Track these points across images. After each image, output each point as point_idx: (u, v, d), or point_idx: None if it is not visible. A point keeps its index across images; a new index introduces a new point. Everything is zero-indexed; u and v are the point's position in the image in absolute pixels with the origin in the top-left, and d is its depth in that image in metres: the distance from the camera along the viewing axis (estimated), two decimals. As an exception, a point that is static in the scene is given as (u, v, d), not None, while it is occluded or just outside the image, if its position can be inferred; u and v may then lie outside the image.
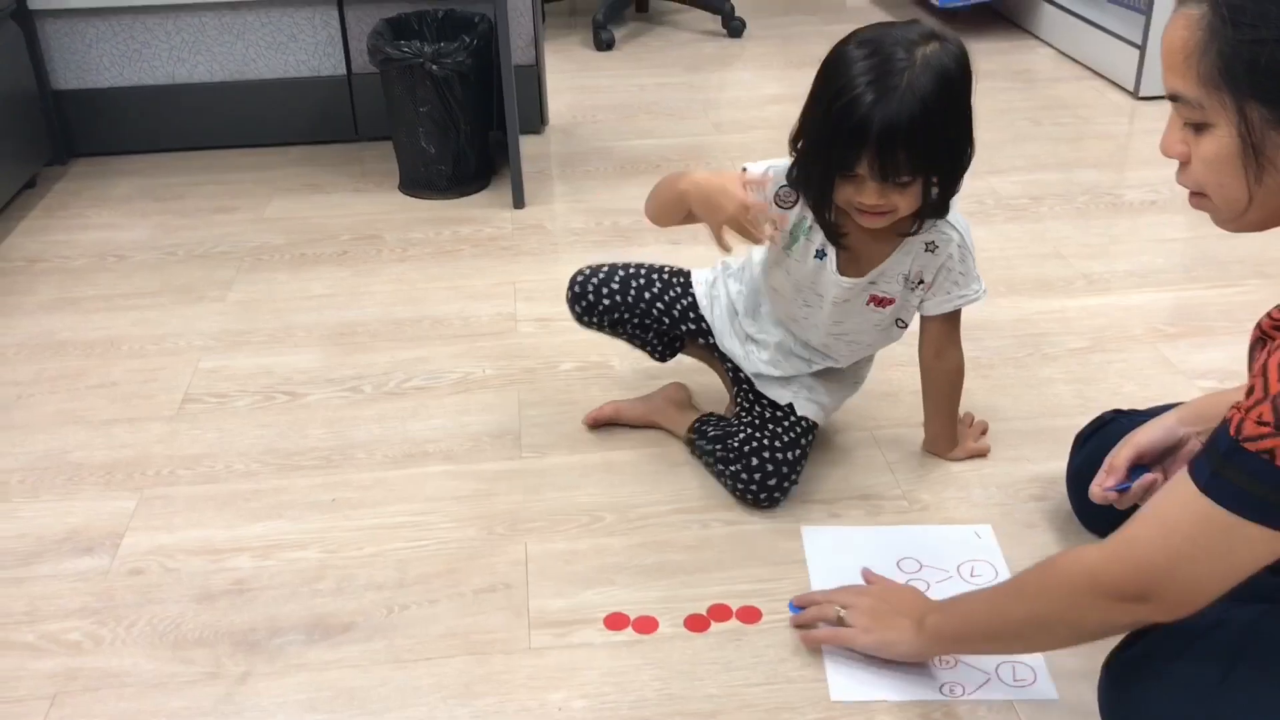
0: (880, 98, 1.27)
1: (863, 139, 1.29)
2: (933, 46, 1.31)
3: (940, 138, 1.32)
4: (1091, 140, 2.82)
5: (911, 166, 1.32)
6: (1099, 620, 1.10)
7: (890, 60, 1.28)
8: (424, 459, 1.71)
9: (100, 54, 2.75)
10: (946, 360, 1.60)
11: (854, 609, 1.32)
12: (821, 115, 1.33)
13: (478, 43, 2.51)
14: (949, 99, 1.31)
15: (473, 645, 1.37)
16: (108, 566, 1.52)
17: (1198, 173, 1.04)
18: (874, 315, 1.53)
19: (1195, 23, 0.99)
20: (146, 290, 2.22)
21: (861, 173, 1.32)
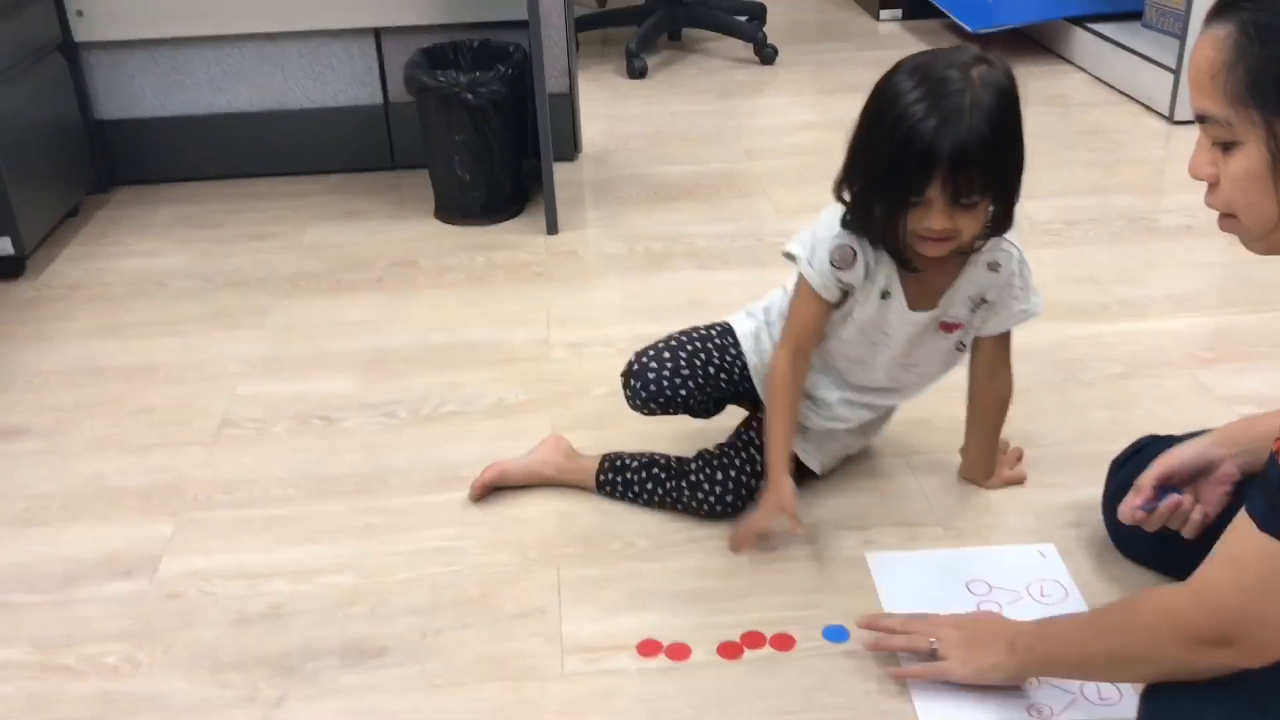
0: (946, 119, 1.27)
1: (933, 162, 1.28)
2: (984, 67, 1.31)
3: (1004, 154, 1.32)
4: (1126, 165, 2.80)
5: (979, 185, 1.31)
6: (1182, 662, 1.08)
7: (946, 83, 1.28)
8: (458, 484, 1.72)
9: (142, 84, 2.80)
10: (1000, 382, 1.59)
11: (944, 640, 1.29)
12: (882, 147, 1.32)
13: (512, 72, 2.54)
14: (1010, 115, 1.32)
15: (506, 671, 1.38)
16: (146, 590, 1.53)
17: (1227, 193, 1.04)
18: (943, 342, 1.53)
19: (1221, 42, 1.00)
20: (185, 317, 2.25)
21: (931, 196, 1.31)
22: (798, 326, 1.51)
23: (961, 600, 1.44)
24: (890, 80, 1.33)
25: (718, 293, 2.23)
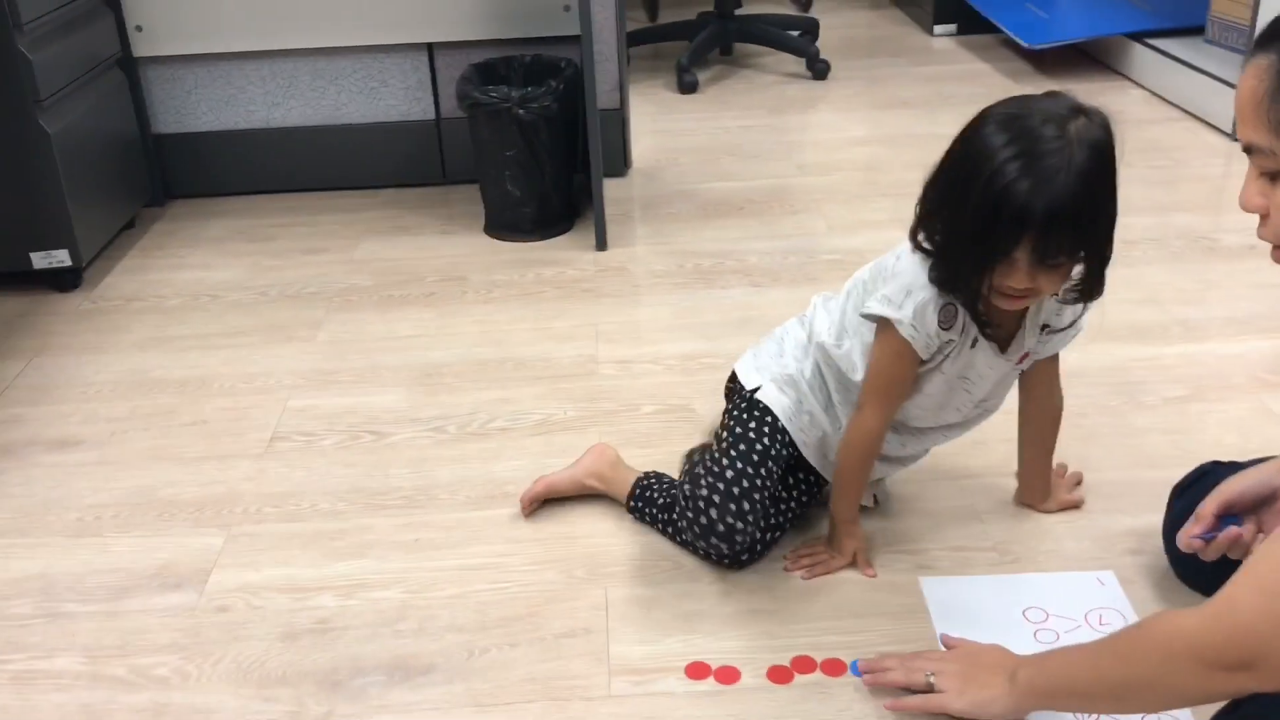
0: (1042, 181, 1.21)
1: (1025, 224, 1.22)
2: (1082, 121, 1.24)
3: (1098, 214, 1.26)
4: (1186, 183, 2.75)
5: (1069, 247, 1.27)
6: (1198, 688, 1.05)
7: (1041, 139, 1.22)
8: (506, 500, 1.71)
9: (199, 99, 2.83)
10: (1053, 399, 1.57)
11: (943, 674, 1.28)
12: (972, 203, 1.25)
13: (563, 87, 2.54)
14: (1105, 173, 1.25)
15: (552, 691, 1.36)
16: (195, 603, 1.54)
17: (1278, 224, 1.02)
18: (1013, 376, 1.51)
19: (1264, 71, 0.99)
20: (238, 330, 2.27)
21: (1018, 256, 1.25)
22: (892, 388, 1.44)
23: (1018, 627, 1.41)
24: (981, 132, 1.26)
25: (769, 310, 2.21)
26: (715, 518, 1.45)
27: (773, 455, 1.50)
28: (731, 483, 1.45)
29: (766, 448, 1.50)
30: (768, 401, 1.54)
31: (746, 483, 1.46)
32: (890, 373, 1.43)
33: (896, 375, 1.43)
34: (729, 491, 1.45)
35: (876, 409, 1.45)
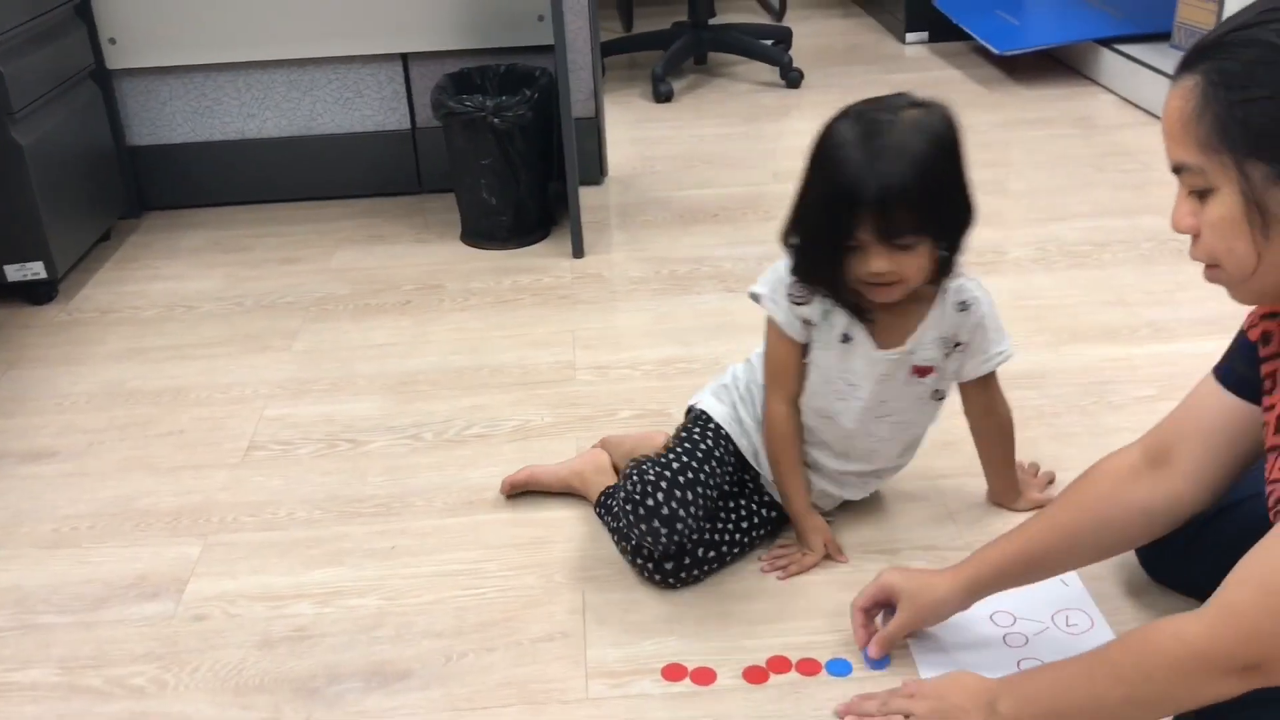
0: (870, 158, 1.29)
1: (860, 200, 1.29)
2: (918, 110, 1.33)
3: (936, 195, 1.32)
4: (1155, 186, 2.78)
5: (912, 226, 1.31)
6: (1210, 694, 1.05)
7: (876, 124, 1.31)
8: (482, 506, 1.72)
9: (173, 111, 2.83)
10: (996, 415, 1.59)
11: (916, 715, 1.23)
12: (817, 191, 1.35)
13: (538, 96, 2.55)
14: (939, 156, 1.32)
15: (529, 695, 1.37)
16: (172, 612, 1.54)
17: (1208, 242, 1.05)
18: (916, 388, 1.50)
19: (1189, 92, 1.01)
20: (214, 340, 2.27)
21: (865, 238, 1.32)
22: (777, 370, 1.51)
23: (986, 634, 1.41)
24: (828, 126, 1.35)
25: (744, 316, 2.21)
26: (661, 501, 1.43)
27: (716, 457, 1.52)
28: (678, 472, 1.47)
29: (710, 449, 1.53)
30: (705, 408, 1.59)
31: (691, 475, 1.47)
32: (773, 354, 1.51)
33: (778, 356, 1.50)
34: (675, 480, 1.46)
35: (774, 393, 1.52)
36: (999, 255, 2.46)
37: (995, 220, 2.65)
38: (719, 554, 1.53)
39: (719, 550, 1.53)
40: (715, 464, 1.51)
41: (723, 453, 1.54)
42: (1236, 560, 1.33)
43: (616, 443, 1.76)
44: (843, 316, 1.45)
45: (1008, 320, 2.17)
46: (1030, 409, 1.88)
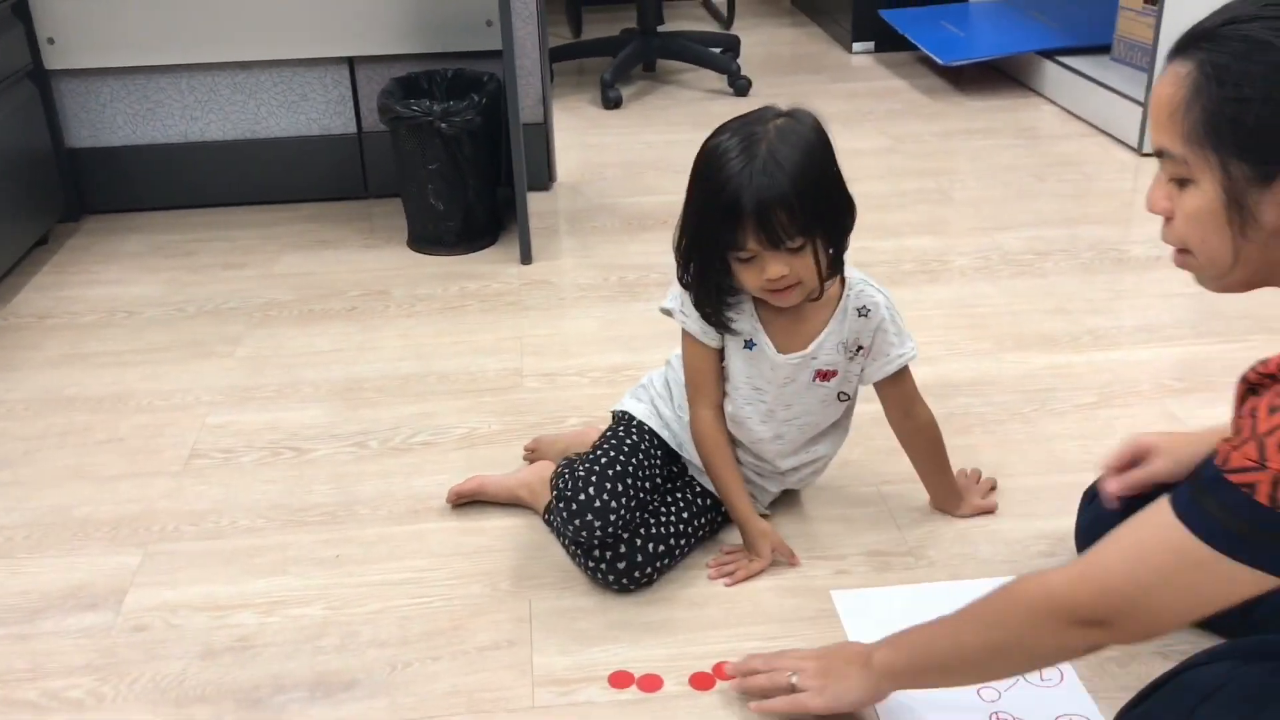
0: (744, 169, 1.34)
1: (739, 212, 1.34)
2: (785, 119, 1.39)
3: (812, 197, 1.36)
4: (1096, 196, 2.83)
5: (795, 229, 1.36)
6: (1056, 644, 1.10)
7: (749, 137, 1.36)
8: (429, 515, 1.71)
9: (114, 112, 2.79)
10: (916, 417, 1.60)
11: (803, 672, 1.29)
12: (699, 204, 1.40)
13: (486, 101, 2.54)
14: (809, 159, 1.37)
15: (475, 703, 1.36)
16: (111, 623, 1.51)
17: (1181, 229, 1.06)
18: (819, 391, 1.54)
19: (1182, 80, 1.01)
20: (155, 346, 2.24)
21: (753, 248, 1.37)
22: (696, 380, 1.55)
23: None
24: (705, 143, 1.41)
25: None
26: (592, 495, 1.47)
27: (642, 450, 1.56)
28: (606, 466, 1.51)
29: (636, 443, 1.57)
30: (626, 409, 1.64)
31: (620, 468, 1.51)
32: (692, 364, 1.55)
33: (696, 365, 1.54)
34: (604, 473, 1.49)
35: (698, 402, 1.55)
36: (943, 264, 2.49)
37: (940, 229, 2.68)
38: (668, 548, 1.54)
39: (668, 545, 1.54)
40: (642, 456, 1.55)
41: (649, 446, 1.58)
42: None
43: (550, 442, 1.78)
44: (746, 323, 1.50)
45: (951, 328, 2.21)
46: (973, 416, 1.91)
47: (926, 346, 2.13)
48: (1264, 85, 0.96)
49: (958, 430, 1.86)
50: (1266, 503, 0.92)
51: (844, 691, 1.26)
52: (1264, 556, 0.94)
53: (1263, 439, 0.92)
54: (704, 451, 1.56)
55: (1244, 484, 0.93)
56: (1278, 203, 0.98)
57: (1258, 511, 0.92)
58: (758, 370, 1.52)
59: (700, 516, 1.59)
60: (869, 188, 2.94)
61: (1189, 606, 1.01)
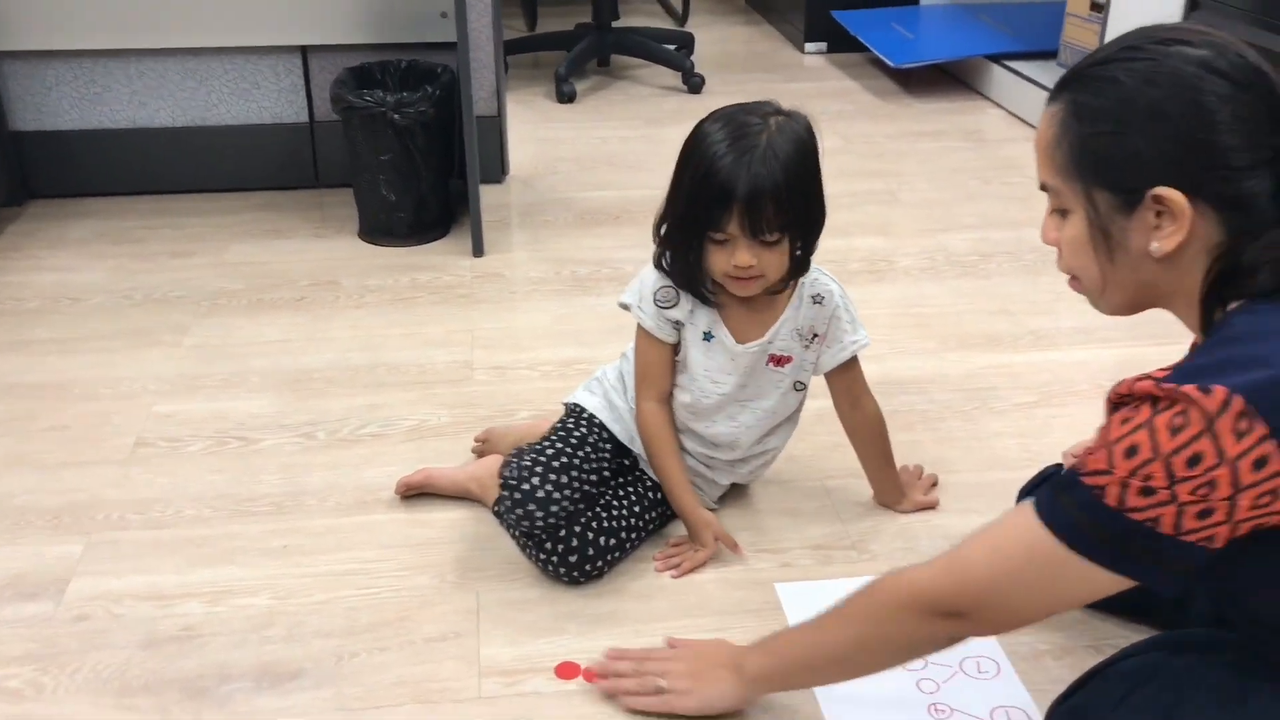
0: (742, 156, 1.37)
1: (731, 196, 1.37)
2: (783, 118, 1.42)
3: (799, 195, 1.40)
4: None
5: (778, 223, 1.39)
6: (919, 636, 1.15)
7: (746, 127, 1.39)
8: (377, 506, 1.71)
9: (60, 96, 2.75)
10: (864, 408, 1.64)
11: (671, 675, 1.32)
12: (688, 186, 1.42)
13: (440, 93, 2.54)
14: (804, 160, 1.41)
15: (422, 694, 1.37)
16: (52, 612, 1.50)
17: (1066, 257, 1.13)
18: (774, 376, 1.57)
19: (1053, 118, 1.09)
20: (101, 333, 2.21)
21: (732, 233, 1.40)
22: (647, 372, 1.56)
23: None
24: (699, 126, 1.43)
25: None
26: (536, 485, 1.49)
27: (590, 443, 1.58)
28: (552, 458, 1.53)
29: (584, 436, 1.59)
30: (578, 401, 1.66)
31: (566, 459, 1.53)
32: (643, 357, 1.56)
33: (648, 359, 1.56)
34: (550, 464, 1.52)
35: (644, 393, 1.57)
36: (889, 264, 2.53)
37: (887, 229, 2.72)
38: (619, 541, 1.55)
39: (618, 538, 1.55)
40: (589, 449, 1.57)
41: (597, 439, 1.60)
42: None
43: (501, 434, 1.79)
44: (705, 315, 1.52)
45: (897, 327, 2.25)
46: (915, 414, 1.94)
47: (872, 345, 2.16)
48: (1114, 118, 1.03)
49: (901, 427, 1.89)
50: (1114, 504, 0.97)
51: (713, 695, 1.30)
52: (1111, 556, 0.99)
53: (1111, 446, 0.98)
54: (647, 442, 1.58)
55: (1095, 486, 0.98)
56: (1142, 229, 1.04)
57: (1107, 512, 0.98)
58: (716, 362, 1.54)
59: (651, 510, 1.61)
60: (819, 187, 2.97)
61: (1044, 602, 1.07)
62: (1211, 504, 0.94)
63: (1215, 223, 1.02)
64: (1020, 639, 1.44)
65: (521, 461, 1.52)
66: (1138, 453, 0.96)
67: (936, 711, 1.34)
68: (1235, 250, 1.01)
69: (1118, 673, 1.17)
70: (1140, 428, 0.97)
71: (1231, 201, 1.01)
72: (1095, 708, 1.15)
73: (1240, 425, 0.92)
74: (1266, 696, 1.06)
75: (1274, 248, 0.99)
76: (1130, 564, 0.99)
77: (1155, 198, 1.02)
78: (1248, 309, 1.01)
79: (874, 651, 1.19)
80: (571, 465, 1.53)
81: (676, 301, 1.52)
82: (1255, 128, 1.00)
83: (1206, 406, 0.93)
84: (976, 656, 1.42)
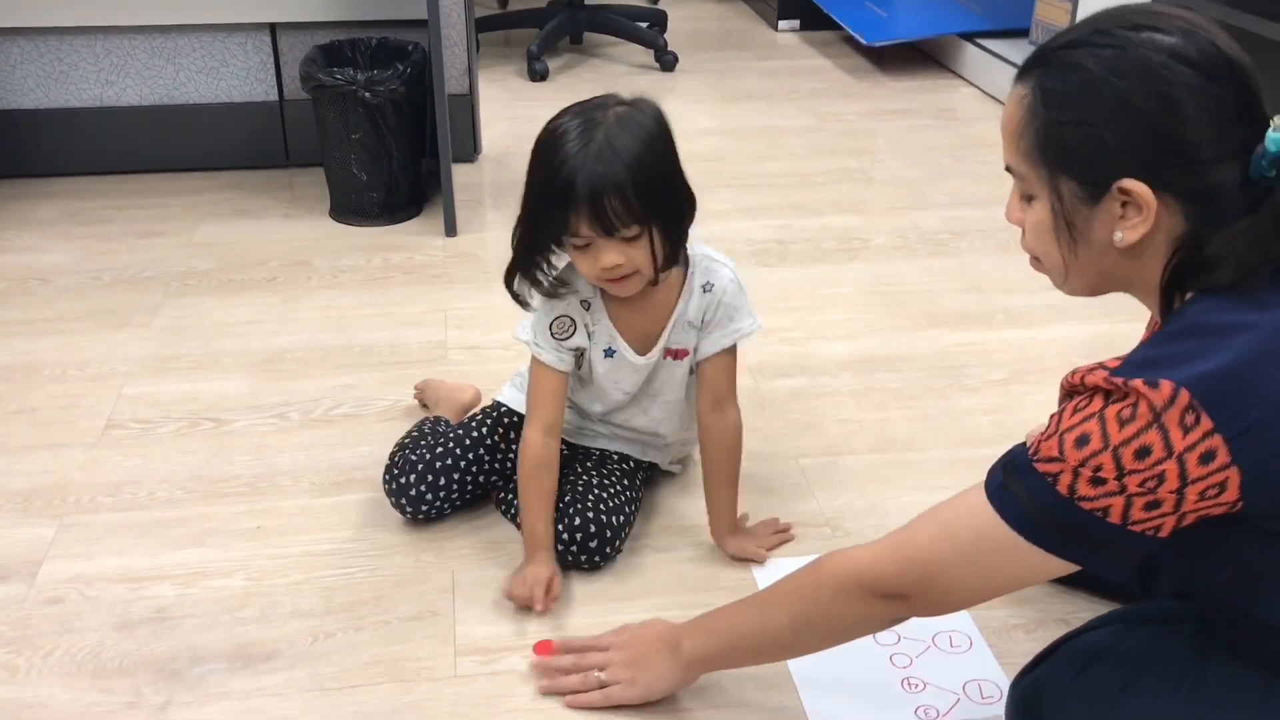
0: (579, 151, 1.32)
1: (572, 197, 1.32)
2: (626, 108, 1.38)
3: (647, 186, 1.34)
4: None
5: (629, 216, 1.34)
6: (860, 616, 1.16)
7: (588, 123, 1.35)
8: (351, 486, 1.71)
9: (25, 74, 2.71)
10: (726, 415, 1.53)
11: (611, 666, 1.32)
12: (536, 189, 1.38)
13: (411, 71, 2.52)
14: (647, 148, 1.35)
15: (398, 672, 1.37)
16: (24, 595, 1.49)
17: (1029, 239, 1.12)
18: (675, 369, 1.55)
19: (1020, 101, 1.06)
20: (70, 315, 2.19)
21: (586, 235, 1.35)
22: (543, 403, 1.50)
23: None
24: (545, 127, 1.39)
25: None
26: (412, 482, 1.56)
27: (488, 444, 1.61)
28: (439, 457, 1.58)
29: (483, 436, 1.62)
30: (503, 399, 1.67)
31: (452, 461, 1.58)
32: (541, 389, 1.51)
33: (546, 390, 1.51)
34: (431, 464, 1.57)
35: (537, 425, 1.50)
36: (863, 242, 2.53)
37: (860, 208, 2.72)
38: (625, 516, 1.55)
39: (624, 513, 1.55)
40: (485, 450, 1.61)
41: (498, 439, 1.62)
42: None
43: (434, 385, 1.86)
44: (603, 333, 1.50)
45: (869, 306, 2.25)
46: (887, 391, 1.95)
47: (845, 323, 2.18)
48: (1080, 108, 1.01)
49: (874, 405, 1.91)
50: (1065, 493, 0.98)
51: (654, 681, 1.30)
52: (1059, 543, 1.00)
53: (1063, 435, 0.99)
54: (525, 472, 1.49)
55: (1048, 473, 0.99)
56: (1106, 220, 1.03)
57: (1058, 499, 0.98)
58: (621, 373, 1.53)
59: (628, 476, 1.61)
60: (793, 166, 2.97)
61: (989, 584, 1.08)
62: (1159, 496, 0.95)
63: (1180, 214, 1.01)
64: (993, 613, 1.46)
65: (411, 455, 1.58)
66: (1088, 443, 0.97)
67: (910, 686, 1.35)
68: (1198, 242, 1.00)
69: (1075, 648, 1.18)
70: (1091, 418, 0.97)
71: (1197, 194, 1.00)
72: (1052, 683, 1.16)
73: (1187, 419, 0.93)
74: (1228, 669, 1.07)
75: (1236, 241, 0.98)
76: (1077, 551, 1.00)
77: (1121, 189, 1.00)
78: (1203, 300, 1.00)
79: (816, 630, 1.19)
80: (455, 468, 1.58)
81: (573, 329, 1.48)
82: (1223, 120, 0.98)
83: (1154, 400, 0.94)
84: (949, 631, 1.43)
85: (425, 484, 1.57)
